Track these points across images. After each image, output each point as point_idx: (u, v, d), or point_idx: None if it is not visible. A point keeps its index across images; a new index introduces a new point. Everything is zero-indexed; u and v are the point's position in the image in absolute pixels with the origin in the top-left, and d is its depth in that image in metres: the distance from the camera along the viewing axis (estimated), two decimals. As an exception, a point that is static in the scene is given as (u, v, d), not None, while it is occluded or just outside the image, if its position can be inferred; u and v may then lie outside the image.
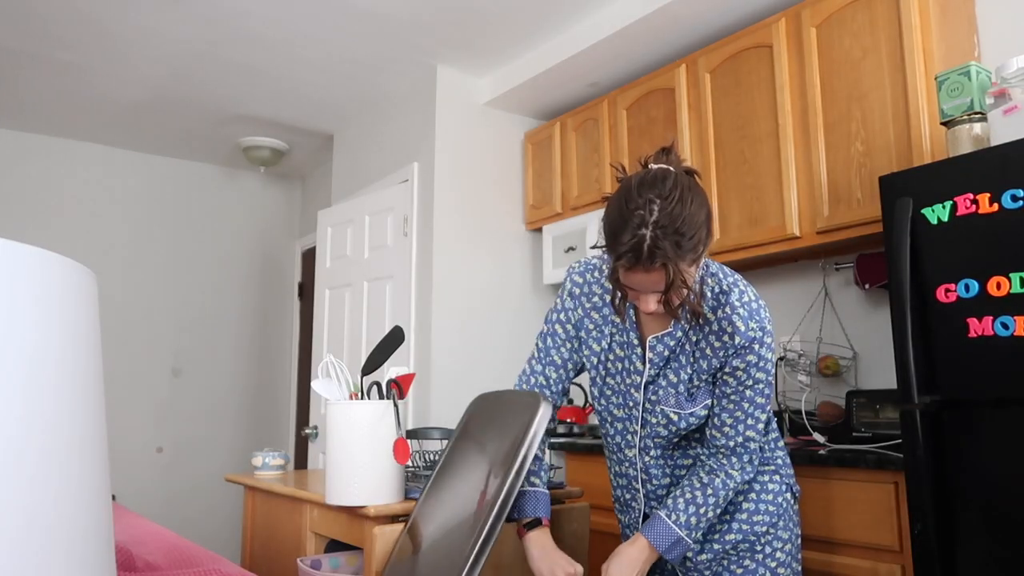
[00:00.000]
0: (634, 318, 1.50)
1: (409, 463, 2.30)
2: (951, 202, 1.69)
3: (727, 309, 1.42)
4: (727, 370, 1.43)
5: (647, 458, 1.53)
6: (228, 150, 4.66)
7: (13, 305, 0.53)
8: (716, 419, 1.46)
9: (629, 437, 1.54)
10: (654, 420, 1.48)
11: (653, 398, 1.48)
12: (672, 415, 1.46)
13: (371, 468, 1.60)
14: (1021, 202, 1.57)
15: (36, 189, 4.30)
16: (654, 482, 1.54)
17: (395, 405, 1.63)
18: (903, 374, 1.72)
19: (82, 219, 4.41)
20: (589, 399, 1.67)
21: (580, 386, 3.52)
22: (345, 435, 1.62)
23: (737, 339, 1.40)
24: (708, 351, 1.44)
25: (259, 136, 4.44)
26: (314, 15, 3.02)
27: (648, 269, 1.27)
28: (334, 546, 1.92)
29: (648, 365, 1.47)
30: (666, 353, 1.46)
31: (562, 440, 2.89)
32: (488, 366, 3.41)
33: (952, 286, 1.67)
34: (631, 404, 1.51)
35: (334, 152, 4.31)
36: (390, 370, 1.74)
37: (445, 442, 2.16)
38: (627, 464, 1.57)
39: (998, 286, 1.60)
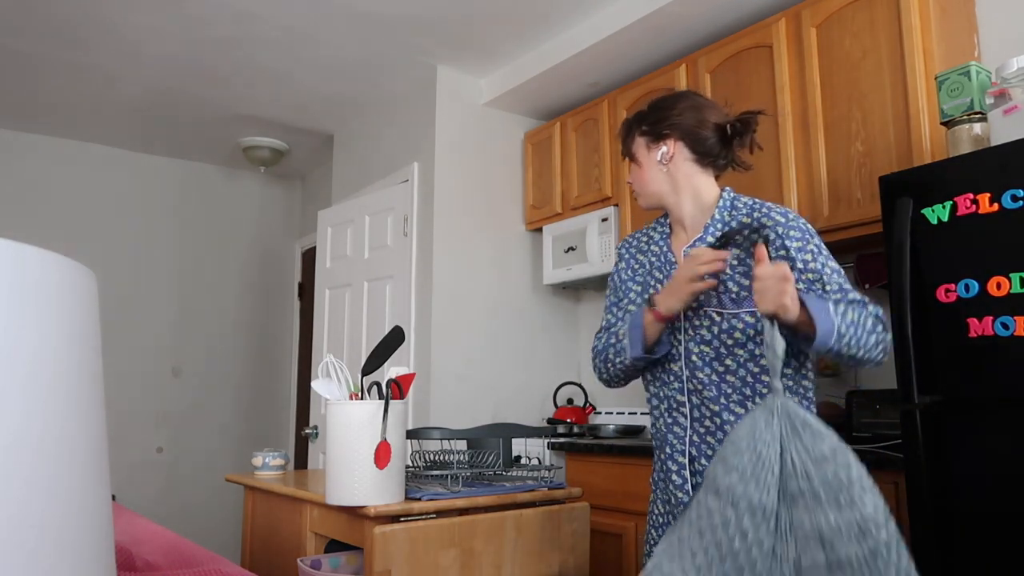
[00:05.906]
0: (670, 246, 1.64)
1: (409, 463, 2.29)
2: (951, 202, 1.69)
3: (764, 209, 1.53)
4: (798, 265, 1.46)
5: (699, 373, 1.52)
6: (228, 150, 4.66)
7: (13, 305, 0.53)
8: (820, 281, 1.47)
9: (673, 351, 1.56)
10: (698, 323, 1.52)
11: (694, 304, 1.52)
12: (715, 315, 1.50)
13: (371, 468, 1.60)
14: (1021, 202, 1.57)
15: (36, 189, 4.30)
16: (705, 393, 1.51)
17: (386, 406, 1.62)
18: (903, 374, 1.72)
19: (82, 219, 4.41)
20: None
21: (580, 386, 3.53)
22: (345, 435, 1.62)
23: (780, 230, 1.48)
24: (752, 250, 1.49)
25: (259, 136, 4.44)
26: (314, 15, 3.02)
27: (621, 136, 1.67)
28: (334, 546, 1.92)
29: None
30: None
31: (562, 440, 2.89)
32: (488, 366, 3.41)
33: (952, 286, 1.67)
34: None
35: (334, 152, 4.31)
36: (390, 370, 1.74)
37: (445, 442, 2.15)
38: (672, 381, 1.56)
39: (998, 286, 1.59)
